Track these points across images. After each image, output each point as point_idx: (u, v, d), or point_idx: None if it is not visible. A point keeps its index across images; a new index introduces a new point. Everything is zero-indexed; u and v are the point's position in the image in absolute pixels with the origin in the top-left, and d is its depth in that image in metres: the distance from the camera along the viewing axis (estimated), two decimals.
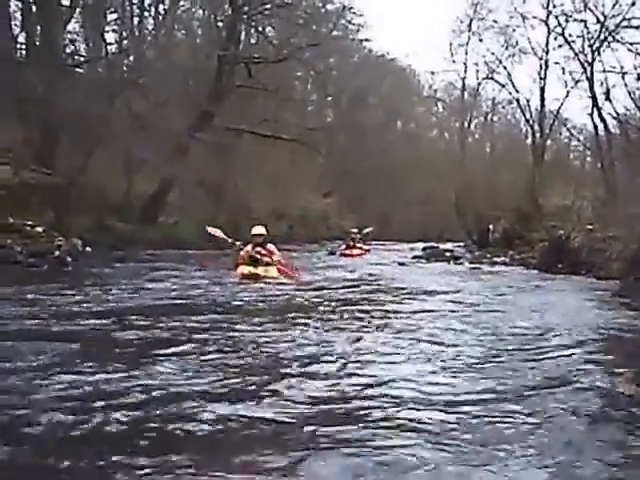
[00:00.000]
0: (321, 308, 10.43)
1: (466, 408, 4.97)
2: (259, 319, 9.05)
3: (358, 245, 30.22)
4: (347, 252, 29.14)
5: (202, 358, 6.34)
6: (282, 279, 14.56)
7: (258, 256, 14.94)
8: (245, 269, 14.69)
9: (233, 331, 7.93)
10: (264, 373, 5.86)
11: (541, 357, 6.98)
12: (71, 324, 7.99)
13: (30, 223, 20.27)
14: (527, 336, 8.18)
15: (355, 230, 31.60)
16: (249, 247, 15.21)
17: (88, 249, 20.28)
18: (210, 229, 17.64)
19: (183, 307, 10.07)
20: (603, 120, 32.44)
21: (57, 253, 17.39)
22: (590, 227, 22.65)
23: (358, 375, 5.92)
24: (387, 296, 12.39)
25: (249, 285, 13.43)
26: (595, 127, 33.58)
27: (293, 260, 18.73)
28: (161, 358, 6.28)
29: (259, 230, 15.55)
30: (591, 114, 33.16)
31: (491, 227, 33.07)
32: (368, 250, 31.43)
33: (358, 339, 7.69)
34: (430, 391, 5.43)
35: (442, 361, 6.65)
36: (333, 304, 10.96)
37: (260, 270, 14.62)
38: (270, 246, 15.40)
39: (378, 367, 6.28)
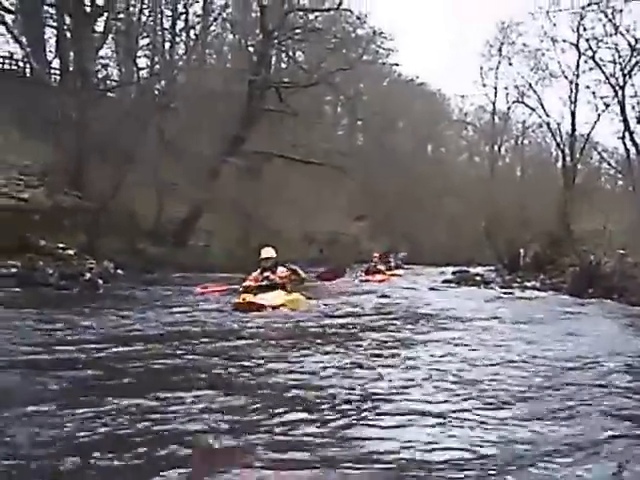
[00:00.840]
0: (337, 338, 10.08)
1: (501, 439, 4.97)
2: (264, 351, 8.90)
3: (380, 269, 28.57)
4: (367, 278, 26.98)
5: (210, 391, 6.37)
6: (286, 308, 13.02)
7: (265, 282, 13.65)
8: (242, 297, 13.13)
9: (242, 361, 7.90)
10: (270, 406, 5.85)
11: (575, 385, 6.93)
12: (100, 348, 8.01)
13: (62, 246, 20.44)
14: (559, 364, 8.11)
15: (377, 254, 30.10)
16: (256, 273, 13.99)
17: (119, 272, 20.43)
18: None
19: (208, 334, 10.06)
20: (635, 144, 32.24)
21: (88, 276, 17.51)
22: (622, 252, 22.46)
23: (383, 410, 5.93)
24: (415, 323, 12.25)
25: (250, 315, 12.02)
26: (627, 151, 33.39)
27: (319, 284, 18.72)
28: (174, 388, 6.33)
29: (268, 253, 14.23)
30: (622, 138, 32.98)
31: (522, 251, 32.91)
32: (396, 275, 30.85)
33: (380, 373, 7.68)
34: (462, 420, 5.43)
35: (474, 390, 6.63)
36: (352, 333, 10.76)
37: (261, 298, 12.96)
38: (281, 270, 14.07)
39: (403, 401, 6.23)
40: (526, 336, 10.70)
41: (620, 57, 32.60)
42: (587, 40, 34.82)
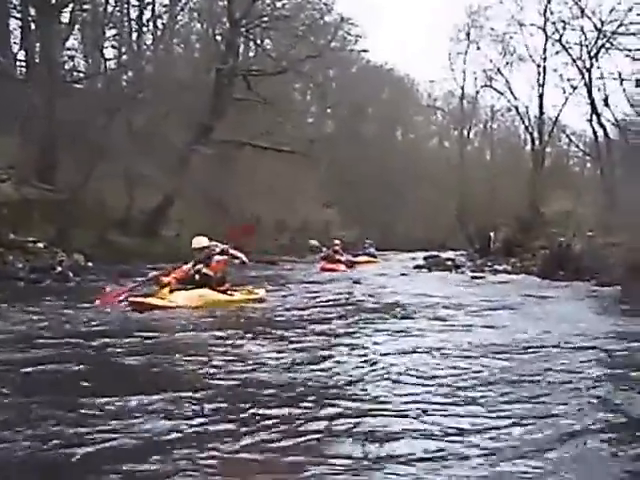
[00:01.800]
0: (296, 329, 9.75)
1: (474, 418, 5.03)
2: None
3: (339, 259, 27.10)
4: (327, 266, 25.73)
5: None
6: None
7: (197, 277, 12.11)
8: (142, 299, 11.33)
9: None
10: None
11: (545, 365, 7.02)
12: (72, 342, 7.99)
13: (32, 239, 20.27)
14: (529, 345, 8.20)
15: (338, 241, 28.46)
16: (188, 265, 12.42)
17: (90, 264, 20.32)
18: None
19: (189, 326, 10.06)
20: (602, 126, 32.55)
21: (59, 269, 17.41)
22: (591, 234, 22.67)
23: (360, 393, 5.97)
24: (382, 310, 12.26)
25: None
26: (594, 133, 33.72)
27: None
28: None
29: (199, 243, 12.60)
30: (590, 120, 33.31)
31: (492, 235, 33.09)
32: (372, 262, 30.81)
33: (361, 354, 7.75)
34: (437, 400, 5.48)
35: (440, 378, 6.67)
36: (313, 322, 10.50)
37: (168, 298, 11.32)
38: (217, 259, 12.45)
39: (362, 395, 6.29)
40: (496, 320, 10.80)
41: (586, 39, 32.89)
42: (554, 23, 35.14)
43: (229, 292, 12.55)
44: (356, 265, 28.60)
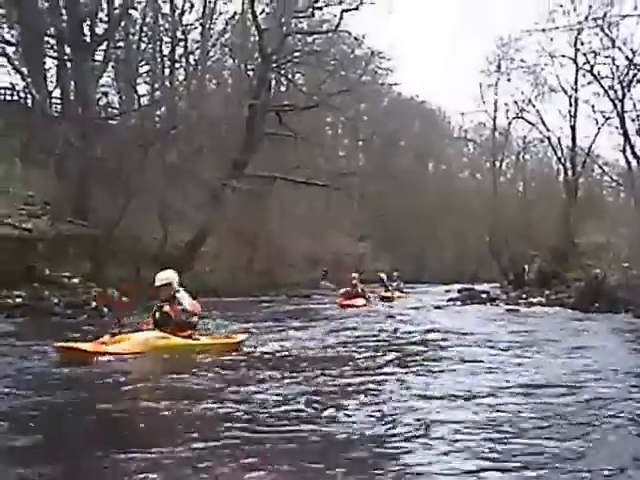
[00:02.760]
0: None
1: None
2: None
3: (360, 292, 24.69)
4: (346, 302, 23.60)
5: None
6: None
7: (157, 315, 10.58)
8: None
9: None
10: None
11: (582, 401, 6.94)
12: (109, 375, 8.04)
13: (67, 274, 20.47)
14: (566, 382, 8.09)
15: (355, 275, 25.62)
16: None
17: (124, 299, 20.40)
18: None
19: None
20: (636, 156, 32.29)
21: (94, 304, 17.52)
22: (626, 265, 22.46)
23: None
24: (418, 344, 12.20)
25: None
26: (628, 163, 33.45)
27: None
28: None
29: (160, 279, 10.92)
30: (623, 150, 33.05)
31: (526, 267, 32.87)
32: (401, 297, 28.71)
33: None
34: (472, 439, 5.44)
35: (483, 406, 6.65)
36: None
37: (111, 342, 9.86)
38: (182, 300, 10.66)
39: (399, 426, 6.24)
40: (532, 356, 10.66)
41: (618, 70, 32.73)
42: (584, 54, 34.99)
43: (193, 337, 10.74)
44: (385, 300, 26.92)
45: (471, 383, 7.90)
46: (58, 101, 30.81)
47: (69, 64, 29.32)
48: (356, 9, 35.15)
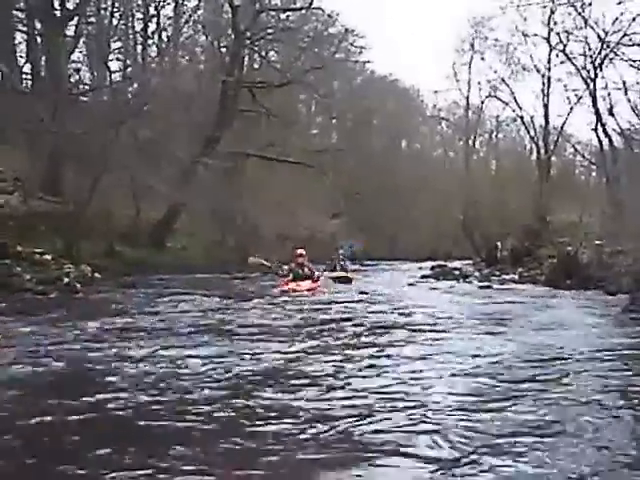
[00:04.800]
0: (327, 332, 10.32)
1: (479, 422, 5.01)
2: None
3: (308, 273, 19.35)
4: (288, 287, 18.19)
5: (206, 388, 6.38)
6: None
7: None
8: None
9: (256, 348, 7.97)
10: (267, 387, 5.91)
11: (551, 374, 6.98)
12: (78, 351, 8.01)
13: (39, 251, 20.26)
14: (537, 356, 8.14)
15: (302, 251, 19.94)
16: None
17: (97, 275, 20.32)
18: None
19: (200, 329, 10.04)
20: (607, 135, 32.57)
21: (66, 280, 17.42)
22: (598, 242, 22.65)
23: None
24: (392, 319, 12.21)
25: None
26: (600, 142, 33.75)
27: None
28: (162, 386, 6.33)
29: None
30: (595, 129, 33.30)
31: (499, 244, 33.06)
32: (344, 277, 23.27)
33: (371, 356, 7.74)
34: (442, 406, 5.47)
35: (453, 376, 6.70)
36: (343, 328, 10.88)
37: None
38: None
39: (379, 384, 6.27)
40: (504, 330, 10.73)
41: (590, 50, 32.90)
42: (558, 34, 35.16)
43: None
44: (341, 281, 22.17)
45: (438, 359, 7.85)
46: (28, 77, 30.49)
47: (39, 39, 29.02)
48: None
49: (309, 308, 13.50)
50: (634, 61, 29.90)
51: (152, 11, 37.48)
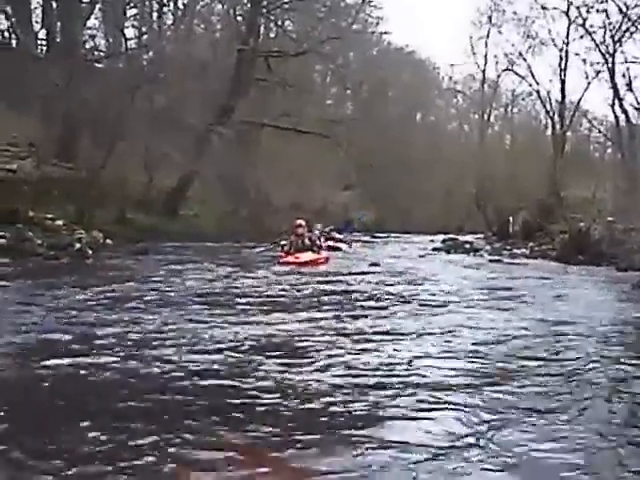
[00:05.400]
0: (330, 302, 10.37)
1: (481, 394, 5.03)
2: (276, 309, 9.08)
3: (309, 243, 18.30)
4: (287, 260, 17.27)
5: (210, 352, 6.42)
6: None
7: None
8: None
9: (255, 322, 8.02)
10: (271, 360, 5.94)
11: (558, 350, 6.96)
12: (87, 316, 8.05)
13: (51, 216, 20.37)
14: (545, 328, 8.16)
15: (301, 222, 18.98)
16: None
17: (109, 242, 20.42)
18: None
19: (204, 299, 10.07)
20: (624, 111, 32.40)
21: (78, 246, 17.51)
22: (611, 219, 22.58)
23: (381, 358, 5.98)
24: (398, 291, 12.22)
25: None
26: (616, 118, 33.59)
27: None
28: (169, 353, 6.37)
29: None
30: (612, 105, 33.17)
31: (511, 219, 32.99)
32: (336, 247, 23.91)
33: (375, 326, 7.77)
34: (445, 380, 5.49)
35: (458, 351, 6.71)
36: (349, 296, 10.93)
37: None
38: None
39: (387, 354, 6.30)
40: (509, 302, 10.75)
41: (610, 24, 32.62)
42: (577, 7, 34.84)
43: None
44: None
45: (443, 334, 7.73)
46: (44, 42, 30.46)
47: (55, 4, 28.94)
48: None
49: (309, 280, 13.18)
50: None
51: None
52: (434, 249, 27.51)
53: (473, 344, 7.13)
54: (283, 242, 19.26)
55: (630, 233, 20.24)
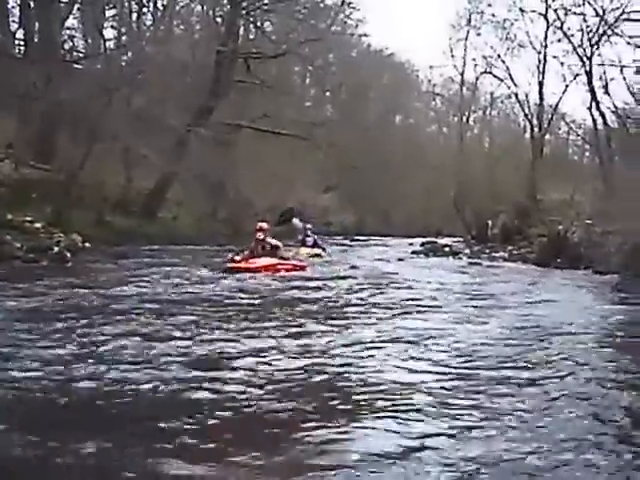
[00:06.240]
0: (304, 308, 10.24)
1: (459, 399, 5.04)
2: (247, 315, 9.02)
3: (269, 249, 16.22)
4: (237, 265, 15.36)
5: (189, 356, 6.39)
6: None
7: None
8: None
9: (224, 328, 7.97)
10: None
11: (537, 352, 7.00)
12: (68, 320, 7.99)
13: (29, 219, 20.19)
14: (523, 332, 8.18)
15: (262, 225, 16.85)
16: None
17: (88, 245, 20.28)
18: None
19: (181, 303, 10.02)
20: (602, 114, 32.52)
21: (56, 249, 17.39)
22: (589, 222, 22.70)
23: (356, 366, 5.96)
24: (380, 292, 12.23)
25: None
26: (594, 121, 33.68)
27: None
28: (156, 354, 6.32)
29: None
30: (590, 108, 33.28)
31: (490, 222, 33.12)
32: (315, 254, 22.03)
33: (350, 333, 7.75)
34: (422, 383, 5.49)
35: (434, 353, 6.73)
36: (321, 303, 10.81)
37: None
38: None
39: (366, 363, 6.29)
40: (488, 305, 10.80)
41: (588, 27, 32.81)
42: (555, 10, 35.03)
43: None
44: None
45: (421, 337, 7.73)
46: (21, 42, 30.21)
47: (33, 4, 28.74)
48: None
49: (279, 287, 12.74)
50: (631, 38, 29.83)
51: None
52: (413, 252, 27.56)
53: (450, 348, 7.15)
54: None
55: (608, 236, 20.33)
